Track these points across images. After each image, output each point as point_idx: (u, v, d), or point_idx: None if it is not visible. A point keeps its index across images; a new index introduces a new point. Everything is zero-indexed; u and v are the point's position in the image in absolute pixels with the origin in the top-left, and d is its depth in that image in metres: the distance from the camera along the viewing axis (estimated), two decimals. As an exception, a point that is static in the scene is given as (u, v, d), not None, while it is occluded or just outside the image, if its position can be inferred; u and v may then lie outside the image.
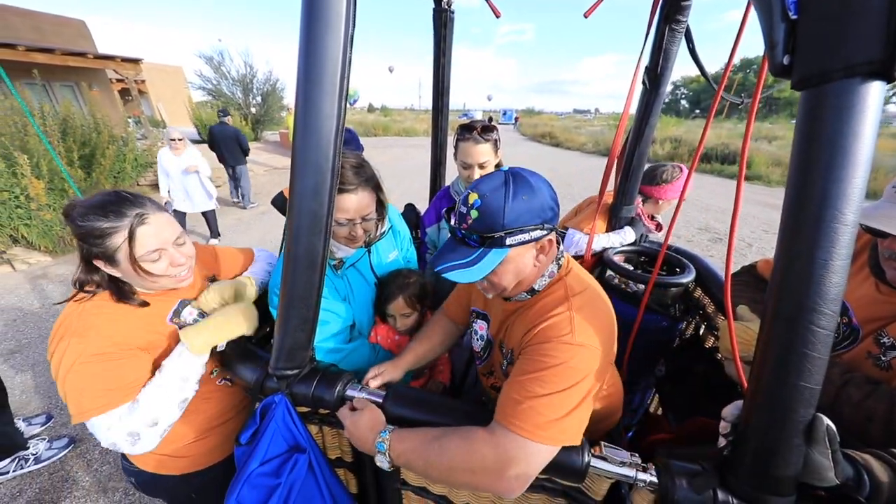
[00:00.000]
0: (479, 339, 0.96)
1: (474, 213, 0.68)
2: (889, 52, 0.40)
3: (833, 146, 0.44)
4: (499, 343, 0.88)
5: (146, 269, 0.77)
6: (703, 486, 0.58)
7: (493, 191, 0.68)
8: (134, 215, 0.75)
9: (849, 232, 0.46)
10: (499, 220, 0.66)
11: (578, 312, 0.70)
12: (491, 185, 0.69)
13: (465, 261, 0.69)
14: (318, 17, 0.59)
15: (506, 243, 0.67)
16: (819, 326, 0.48)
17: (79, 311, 0.77)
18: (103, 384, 0.75)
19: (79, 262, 0.78)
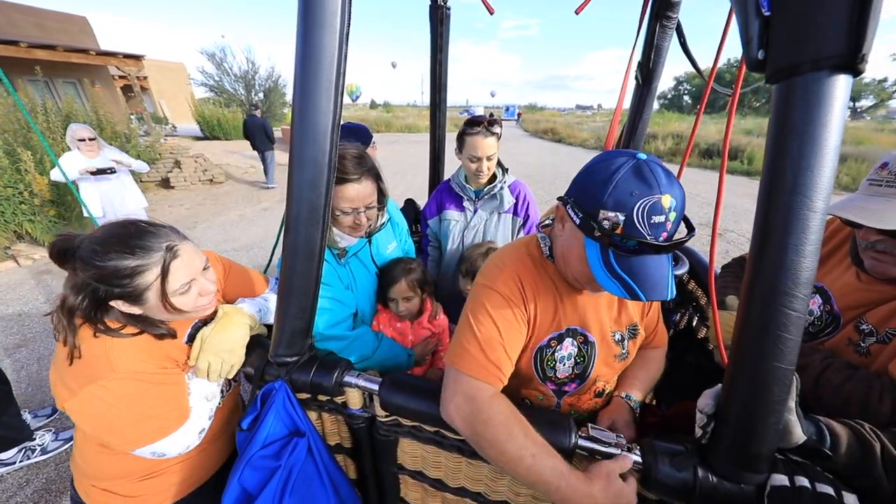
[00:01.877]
0: (568, 360, 0.80)
1: (673, 217, 0.59)
2: (852, 46, 0.43)
3: (802, 136, 0.47)
4: (610, 337, 0.82)
5: (176, 306, 0.72)
6: (685, 465, 0.61)
7: (671, 184, 0.59)
8: (164, 248, 0.70)
9: (818, 218, 0.48)
10: (684, 210, 0.61)
11: None
12: (663, 177, 0.59)
13: (672, 269, 0.63)
14: (314, 14, 0.61)
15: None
16: (791, 309, 0.50)
17: (102, 352, 0.71)
18: (145, 415, 0.74)
19: (84, 301, 0.69)
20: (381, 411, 0.81)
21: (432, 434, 0.81)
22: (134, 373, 0.72)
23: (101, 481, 0.84)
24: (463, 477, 0.86)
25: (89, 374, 0.70)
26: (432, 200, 1.60)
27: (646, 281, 0.60)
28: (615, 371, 0.87)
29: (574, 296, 0.78)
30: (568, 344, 0.79)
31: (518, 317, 0.73)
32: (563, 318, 0.78)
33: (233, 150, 11.19)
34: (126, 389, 0.72)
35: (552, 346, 0.79)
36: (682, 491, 0.61)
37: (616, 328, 0.83)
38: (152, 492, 0.86)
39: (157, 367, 0.77)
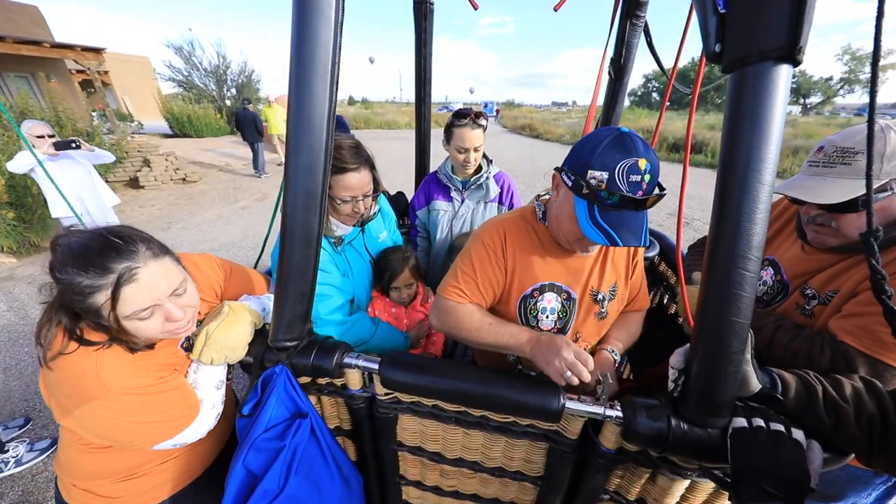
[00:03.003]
0: (549, 313, 0.91)
1: (648, 178, 0.71)
2: (792, 40, 0.50)
3: (752, 119, 0.54)
4: (590, 295, 0.93)
5: (133, 331, 0.68)
6: (659, 415, 0.68)
7: (647, 150, 0.71)
8: (120, 270, 0.63)
9: (767, 190, 0.55)
10: (659, 174, 0.73)
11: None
12: (640, 146, 0.71)
13: (646, 223, 0.74)
14: (309, 4, 0.63)
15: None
16: (746, 270, 0.58)
17: (92, 369, 0.67)
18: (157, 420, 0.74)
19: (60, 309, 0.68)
20: (381, 389, 0.85)
21: (430, 408, 0.85)
22: (130, 388, 0.70)
23: (81, 481, 0.82)
24: (460, 448, 0.92)
25: (83, 393, 0.67)
26: (420, 191, 1.63)
27: (624, 231, 0.72)
28: (595, 329, 0.95)
29: (560, 256, 0.91)
30: (551, 298, 0.91)
31: (493, 261, 0.91)
32: (545, 273, 0.91)
33: (206, 148, 10.73)
34: (125, 405, 0.70)
35: (535, 296, 0.91)
36: (657, 439, 0.68)
37: (598, 288, 0.93)
38: (133, 493, 0.84)
39: (154, 378, 0.75)
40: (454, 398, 0.79)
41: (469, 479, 0.99)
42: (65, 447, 0.82)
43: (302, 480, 0.79)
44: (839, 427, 0.63)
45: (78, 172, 3.05)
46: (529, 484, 0.93)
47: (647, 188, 0.71)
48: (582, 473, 0.84)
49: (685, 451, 0.68)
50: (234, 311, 0.85)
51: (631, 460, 0.77)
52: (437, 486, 1.04)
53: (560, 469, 0.84)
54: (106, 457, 0.80)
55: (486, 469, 0.93)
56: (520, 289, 0.91)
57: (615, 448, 0.76)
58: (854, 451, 0.65)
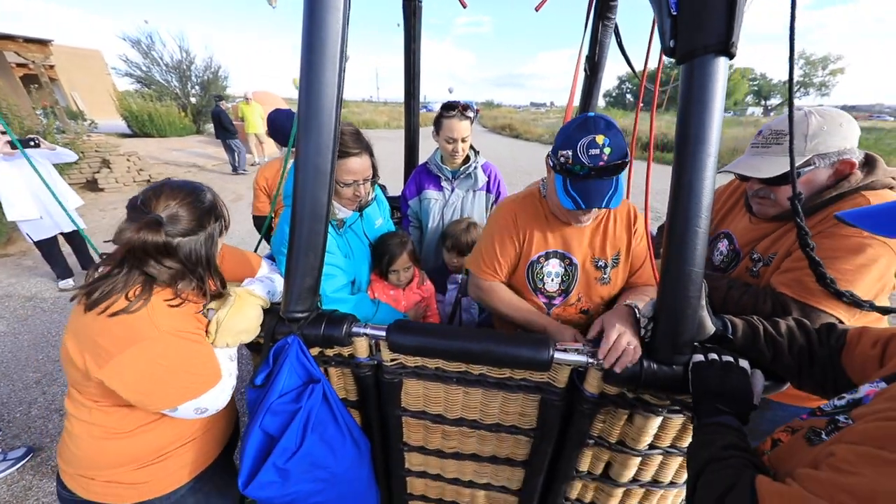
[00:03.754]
0: (554, 277, 1.07)
1: (608, 150, 0.85)
2: (726, 36, 0.62)
3: (699, 102, 0.66)
4: (591, 263, 1.06)
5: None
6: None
7: (608, 128, 0.87)
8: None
9: (712, 161, 0.68)
10: (624, 148, 0.87)
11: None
12: (601, 125, 0.87)
13: (612, 189, 0.88)
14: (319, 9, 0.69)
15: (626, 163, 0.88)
16: (698, 227, 0.70)
17: (144, 316, 0.74)
18: (187, 371, 0.78)
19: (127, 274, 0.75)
20: (388, 355, 0.92)
21: (434, 370, 0.93)
22: (176, 330, 0.77)
23: (102, 471, 0.83)
24: (460, 407, 1.00)
25: (130, 336, 0.72)
26: (411, 182, 1.70)
27: (590, 196, 0.89)
28: (598, 293, 1.07)
29: (563, 227, 1.07)
30: (555, 264, 1.05)
31: (508, 237, 1.09)
32: (549, 242, 1.07)
33: (172, 148, 10.19)
34: (168, 347, 0.75)
35: (541, 262, 1.08)
36: (632, 379, 0.80)
37: (600, 256, 1.06)
38: (157, 477, 0.87)
39: (193, 326, 0.82)
40: (457, 356, 0.87)
41: (468, 439, 1.07)
42: (80, 442, 0.82)
43: (317, 439, 0.84)
44: (777, 358, 0.77)
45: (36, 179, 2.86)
46: (523, 437, 1.02)
47: (607, 159, 0.86)
48: (569, 421, 0.95)
49: (656, 387, 0.80)
50: (239, 297, 0.88)
51: (611, 403, 0.89)
52: (438, 450, 1.11)
53: (551, 418, 0.94)
54: (129, 442, 0.82)
55: (484, 426, 1.02)
56: (527, 256, 1.08)
57: (597, 392, 0.87)
58: (788, 378, 0.79)
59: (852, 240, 0.82)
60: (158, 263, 0.76)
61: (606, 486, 1.07)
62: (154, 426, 0.84)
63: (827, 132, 0.85)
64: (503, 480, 1.16)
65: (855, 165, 0.86)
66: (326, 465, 0.87)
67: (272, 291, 0.99)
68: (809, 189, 0.90)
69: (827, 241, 0.84)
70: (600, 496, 1.12)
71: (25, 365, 2.52)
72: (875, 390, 0.56)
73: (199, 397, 0.79)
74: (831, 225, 0.86)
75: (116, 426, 0.81)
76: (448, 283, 1.58)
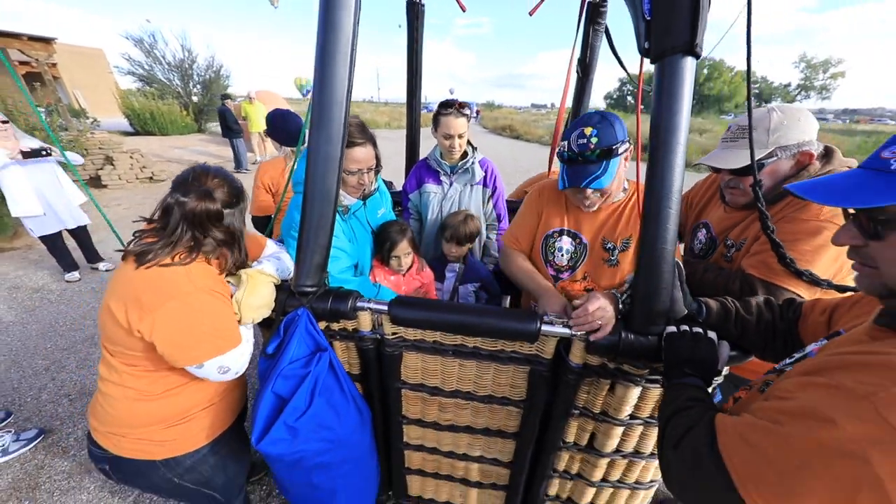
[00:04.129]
0: (565, 252, 1.19)
1: (594, 140, 0.98)
2: (692, 38, 0.70)
3: (670, 96, 0.74)
4: (600, 245, 1.15)
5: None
6: (613, 330, 0.87)
7: (601, 121, 1.00)
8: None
9: (681, 149, 0.76)
10: (613, 139, 0.98)
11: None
12: (597, 118, 1.01)
13: (595, 173, 0.99)
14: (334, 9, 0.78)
15: (619, 152, 0.99)
16: (670, 208, 0.78)
17: (185, 272, 0.84)
18: (215, 328, 0.87)
19: (180, 236, 0.85)
20: (390, 328, 1.00)
21: (432, 343, 1.01)
22: (209, 288, 0.87)
23: (133, 429, 0.91)
24: (456, 380, 1.08)
25: (171, 291, 0.82)
26: (412, 176, 1.78)
27: (573, 177, 1.03)
28: (605, 273, 1.15)
29: (577, 211, 1.18)
30: (567, 241, 1.20)
31: (532, 211, 1.27)
32: (565, 221, 1.20)
33: (174, 146, 10.27)
34: (203, 303, 0.85)
35: (555, 237, 1.21)
36: (612, 349, 0.88)
37: (610, 239, 1.14)
38: (183, 437, 0.96)
39: (222, 287, 0.91)
40: (453, 328, 0.95)
41: (463, 411, 1.15)
42: (114, 402, 0.90)
43: (324, 403, 0.92)
44: (744, 335, 0.85)
45: (44, 171, 2.99)
46: (514, 408, 1.10)
47: (593, 147, 0.98)
48: (556, 392, 1.03)
49: (633, 356, 0.88)
50: (251, 277, 0.97)
51: (594, 373, 0.97)
52: (435, 422, 1.19)
53: (539, 388, 1.02)
54: (158, 404, 0.91)
55: (477, 398, 1.09)
56: (544, 229, 1.23)
57: (581, 363, 0.95)
58: (754, 351, 0.86)
59: (811, 223, 0.90)
60: (210, 229, 0.88)
61: (591, 456, 1.15)
62: (180, 390, 0.93)
63: (787, 126, 0.94)
64: (495, 453, 1.24)
65: (814, 156, 0.95)
66: (332, 427, 0.94)
67: (281, 269, 1.07)
68: (774, 178, 0.98)
69: (788, 226, 0.93)
70: (586, 467, 1.19)
71: (34, 353, 2.59)
72: (818, 347, 0.64)
73: (224, 355, 0.87)
74: (793, 210, 0.94)
75: (147, 389, 0.89)
76: (446, 271, 1.66)
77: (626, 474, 1.18)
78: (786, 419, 0.48)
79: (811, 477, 0.42)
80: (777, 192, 0.98)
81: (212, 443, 1.01)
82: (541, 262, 1.24)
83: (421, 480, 1.39)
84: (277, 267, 1.07)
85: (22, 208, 2.90)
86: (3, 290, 3.36)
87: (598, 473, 1.18)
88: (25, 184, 2.88)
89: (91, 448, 0.96)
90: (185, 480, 0.99)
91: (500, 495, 1.35)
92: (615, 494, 1.25)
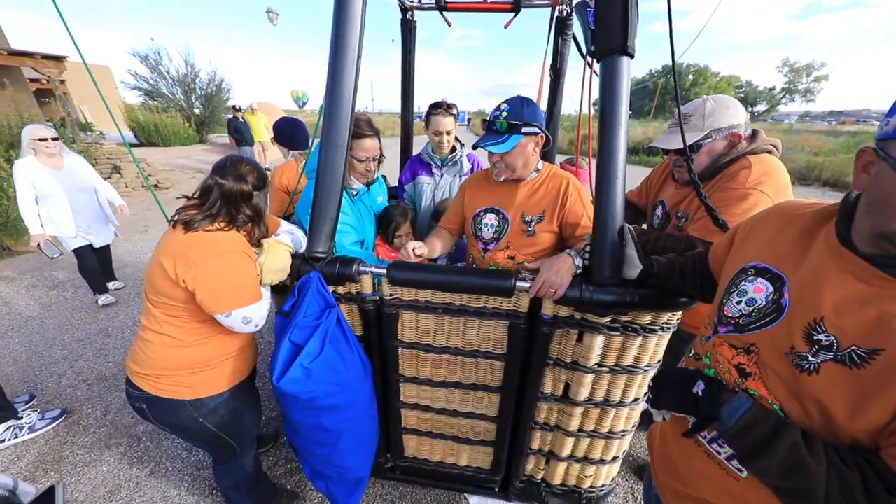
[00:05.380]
0: (490, 227, 1.39)
1: (505, 113, 1.19)
2: (624, 41, 0.90)
3: (612, 87, 0.93)
4: (520, 218, 1.34)
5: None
6: (576, 284, 1.04)
7: (516, 101, 1.21)
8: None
9: (623, 130, 0.95)
10: (519, 116, 1.18)
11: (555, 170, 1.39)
12: (515, 100, 1.23)
13: (498, 140, 1.20)
14: (345, 13, 0.98)
15: (521, 131, 1.17)
16: (617, 178, 0.96)
17: (223, 236, 1.03)
18: (244, 283, 1.04)
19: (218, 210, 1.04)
20: (388, 289, 1.17)
21: (424, 303, 1.18)
22: (242, 251, 1.05)
23: (169, 371, 1.08)
24: (445, 336, 1.24)
25: (213, 249, 1.00)
26: (407, 170, 1.98)
27: (482, 139, 1.24)
28: (524, 243, 1.35)
29: (500, 188, 1.38)
30: (491, 217, 1.37)
31: (458, 199, 1.50)
32: (488, 200, 1.39)
33: (178, 156, 10.56)
34: (236, 262, 1.03)
35: (481, 215, 1.41)
36: (575, 301, 1.04)
37: (528, 212, 1.33)
38: (208, 381, 1.13)
39: (250, 251, 1.10)
40: (444, 287, 1.12)
41: (452, 367, 1.31)
42: (153, 347, 1.07)
43: (333, 351, 1.08)
44: (685, 283, 1.01)
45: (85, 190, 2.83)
46: (497, 362, 1.26)
47: (503, 118, 1.20)
48: (532, 344, 1.19)
49: (593, 305, 1.04)
50: (272, 245, 1.15)
51: (563, 324, 1.13)
52: (428, 379, 1.35)
53: (517, 341, 1.18)
54: (189, 351, 1.08)
55: (465, 353, 1.25)
56: (471, 210, 1.44)
57: (552, 314, 1.12)
58: (695, 295, 1.02)
59: (738, 191, 1.08)
60: (241, 206, 1.07)
61: (567, 406, 1.30)
62: (207, 341, 1.10)
63: (719, 112, 1.13)
64: (483, 408, 1.39)
65: (741, 137, 1.14)
66: (339, 372, 1.10)
67: (294, 241, 1.26)
68: (711, 156, 1.17)
69: (721, 194, 1.11)
70: (563, 418, 1.34)
71: (53, 344, 2.74)
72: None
73: (248, 307, 1.04)
74: (725, 182, 1.13)
75: (181, 337, 1.06)
76: (439, 254, 1.85)
77: (599, 423, 1.32)
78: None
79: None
80: (714, 168, 1.17)
81: (231, 389, 1.18)
82: (472, 237, 1.44)
83: (416, 440, 1.54)
84: (292, 239, 1.25)
85: (56, 228, 2.71)
86: (21, 287, 3.53)
87: (574, 423, 1.32)
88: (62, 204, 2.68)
89: (129, 390, 1.12)
90: (207, 421, 1.15)
91: (489, 451, 1.49)
92: (592, 445, 1.39)
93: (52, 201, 2.62)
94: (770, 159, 1.12)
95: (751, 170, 1.09)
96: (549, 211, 1.33)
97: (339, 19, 0.98)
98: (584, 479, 1.48)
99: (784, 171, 1.13)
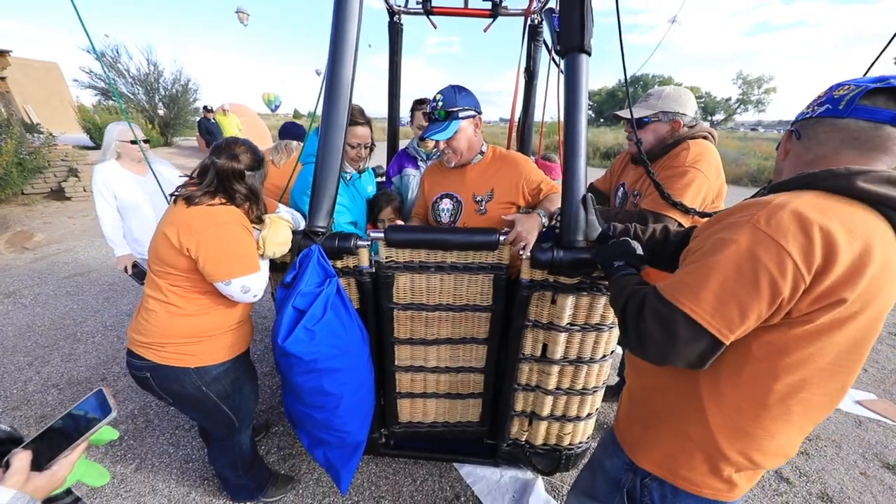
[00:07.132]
0: (446, 211, 1.51)
1: (440, 103, 1.34)
2: (581, 41, 1.08)
3: (572, 83, 1.11)
4: (472, 199, 1.46)
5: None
6: (549, 249, 1.21)
7: (448, 90, 1.36)
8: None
9: (582, 116, 1.13)
10: (453, 103, 1.32)
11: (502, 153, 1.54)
12: (447, 89, 1.37)
13: (439, 128, 1.32)
14: (344, 12, 1.10)
15: (459, 116, 1.31)
16: (579, 156, 1.14)
17: (224, 209, 1.11)
18: (243, 253, 1.10)
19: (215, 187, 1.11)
20: (385, 252, 1.28)
21: (418, 263, 1.30)
22: (240, 223, 1.12)
23: (172, 339, 1.14)
24: (437, 294, 1.37)
25: (214, 221, 1.07)
26: (394, 163, 2.10)
27: (426, 130, 1.38)
28: (478, 222, 1.47)
29: (453, 174, 1.50)
30: (447, 202, 1.52)
31: (421, 190, 1.63)
32: (443, 186, 1.53)
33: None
34: (235, 233, 1.10)
35: (438, 201, 1.53)
36: (549, 264, 1.20)
37: (478, 193, 1.47)
38: (209, 350, 1.20)
39: (249, 224, 1.17)
40: (437, 244, 1.25)
41: (444, 323, 1.43)
42: (157, 316, 1.12)
43: (334, 316, 1.18)
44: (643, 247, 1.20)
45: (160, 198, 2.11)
46: (483, 314, 1.39)
47: (439, 108, 1.35)
48: (513, 304, 1.34)
49: (565, 266, 1.21)
50: (273, 220, 1.24)
51: (539, 287, 1.29)
52: (422, 339, 1.46)
53: (500, 295, 1.33)
54: (192, 320, 1.14)
55: (455, 307, 1.38)
56: (430, 198, 1.57)
57: (529, 278, 1.27)
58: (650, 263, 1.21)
59: (679, 169, 1.30)
60: (235, 184, 1.13)
61: (545, 366, 1.46)
62: (209, 311, 1.16)
63: (672, 99, 1.36)
64: (471, 361, 1.52)
65: (681, 124, 1.37)
66: (340, 336, 1.20)
67: (294, 219, 1.35)
68: (655, 136, 1.40)
69: (667, 172, 1.33)
70: (542, 377, 1.50)
71: (14, 351, 2.58)
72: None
73: (247, 276, 1.12)
74: (669, 161, 1.35)
75: (184, 307, 1.12)
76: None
77: (574, 380, 1.49)
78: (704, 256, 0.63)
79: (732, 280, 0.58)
80: (660, 149, 1.39)
81: (232, 360, 1.25)
82: (434, 223, 1.57)
83: (410, 404, 1.64)
84: (291, 216, 1.34)
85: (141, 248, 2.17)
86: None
87: (552, 381, 1.48)
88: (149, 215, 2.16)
89: (131, 360, 1.16)
90: (210, 390, 1.21)
91: (478, 403, 1.62)
92: (569, 402, 1.55)
93: (135, 213, 2.10)
94: (705, 143, 1.35)
95: (689, 151, 1.32)
96: (497, 188, 1.45)
97: (339, 10, 1.10)
98: (564, 437, 1.63)
99: (716, 154, 1.36)
